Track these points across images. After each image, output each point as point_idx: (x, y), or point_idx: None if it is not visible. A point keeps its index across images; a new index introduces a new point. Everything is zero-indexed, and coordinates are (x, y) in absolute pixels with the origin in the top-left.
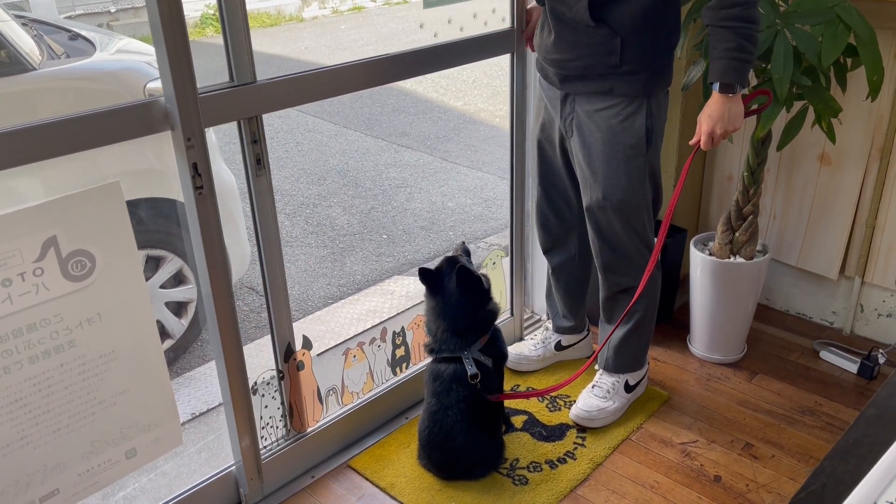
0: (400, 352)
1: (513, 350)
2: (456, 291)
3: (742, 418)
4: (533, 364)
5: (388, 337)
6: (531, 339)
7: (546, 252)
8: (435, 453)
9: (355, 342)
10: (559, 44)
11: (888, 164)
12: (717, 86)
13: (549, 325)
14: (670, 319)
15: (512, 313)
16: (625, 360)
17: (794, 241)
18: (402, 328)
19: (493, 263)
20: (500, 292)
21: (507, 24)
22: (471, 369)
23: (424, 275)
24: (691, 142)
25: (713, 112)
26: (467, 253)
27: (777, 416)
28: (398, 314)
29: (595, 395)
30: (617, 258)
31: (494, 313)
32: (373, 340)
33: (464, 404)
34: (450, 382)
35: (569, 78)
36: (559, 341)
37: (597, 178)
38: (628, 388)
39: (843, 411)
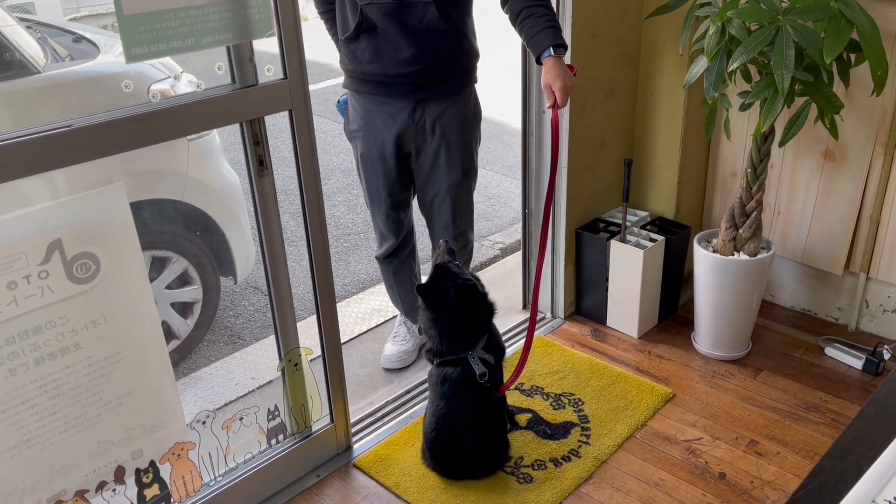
0: (151, 491)
1: (387, 353)
2: (456, 305)
3: (747, 415)
4: (413, 355)
5: (129, 477)
6: (395, 337)
7: (390, 255)
8: (442, 455)
9: (71, 492)
10: (413, 55)
11: (892, 160)
12: (550, 51)
13: (400, 318)
14: (675, 316)
15: (332, 419)
16: None
17: (798, 237)
18: (153, 462)
19: (296, 365)
20: (311, 397)
21: (277, 76)
22: (479, 368)
23: (422, 291)
24: (548, 106)
25: (559, 72)
26: (451, 252)
27: (782, 413)
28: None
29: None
30: (467, 220)
31: (492, 311)
32: (102, 486)
33: (473, 406)
34: (459, 384)
35: (424, 85)
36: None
37: (455, 160)
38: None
39: (848, 408)
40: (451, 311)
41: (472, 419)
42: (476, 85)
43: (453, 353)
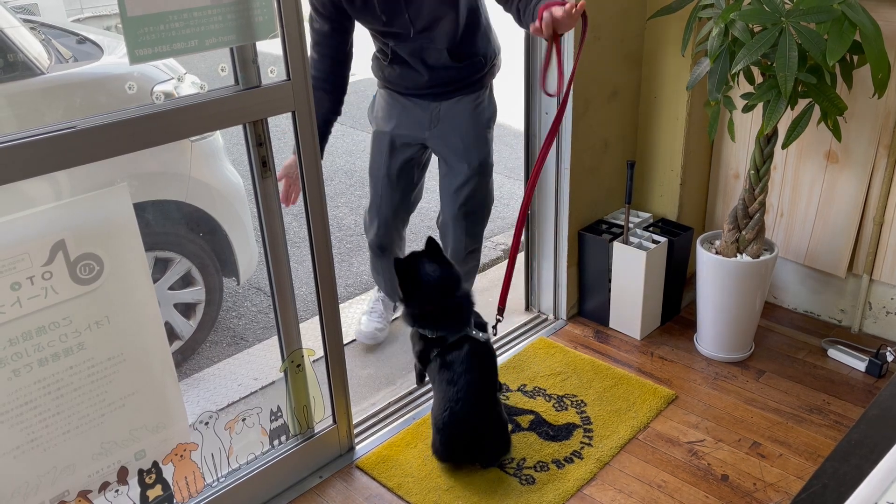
0: (154, 492)
1: (364, 329)
2: (435, 266)
3: (749, 417)
4: (385, 333)
5: (132, 477)
6: (372, 313)
7: (382, 244)
8: (455, 438)
9: (74, 493)
10: (430, 80)
11: None
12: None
13: (377, 294)
14: (677, 318)
15: (335, 420)
16: None
17: (801, 238)
18: (155, 463)
19: (298, 366)
20: (314, 398)
21: (280, 77)
22: (483, 336)
23: (399, 265)
24: (575, 12)
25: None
26: (436, 250)
27: (784, 415)
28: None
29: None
30: (480, 221)
31: (460, 279)
32: (105, 486)
33: (484, 379)
34: (470, 360)
35: (443, 94)
36: (395, 306)
37: (468, 150)
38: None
39: (851, 410)
40: (431, 295)
41: (483, 392)
42: (493, 83)
43: (454, 334)
